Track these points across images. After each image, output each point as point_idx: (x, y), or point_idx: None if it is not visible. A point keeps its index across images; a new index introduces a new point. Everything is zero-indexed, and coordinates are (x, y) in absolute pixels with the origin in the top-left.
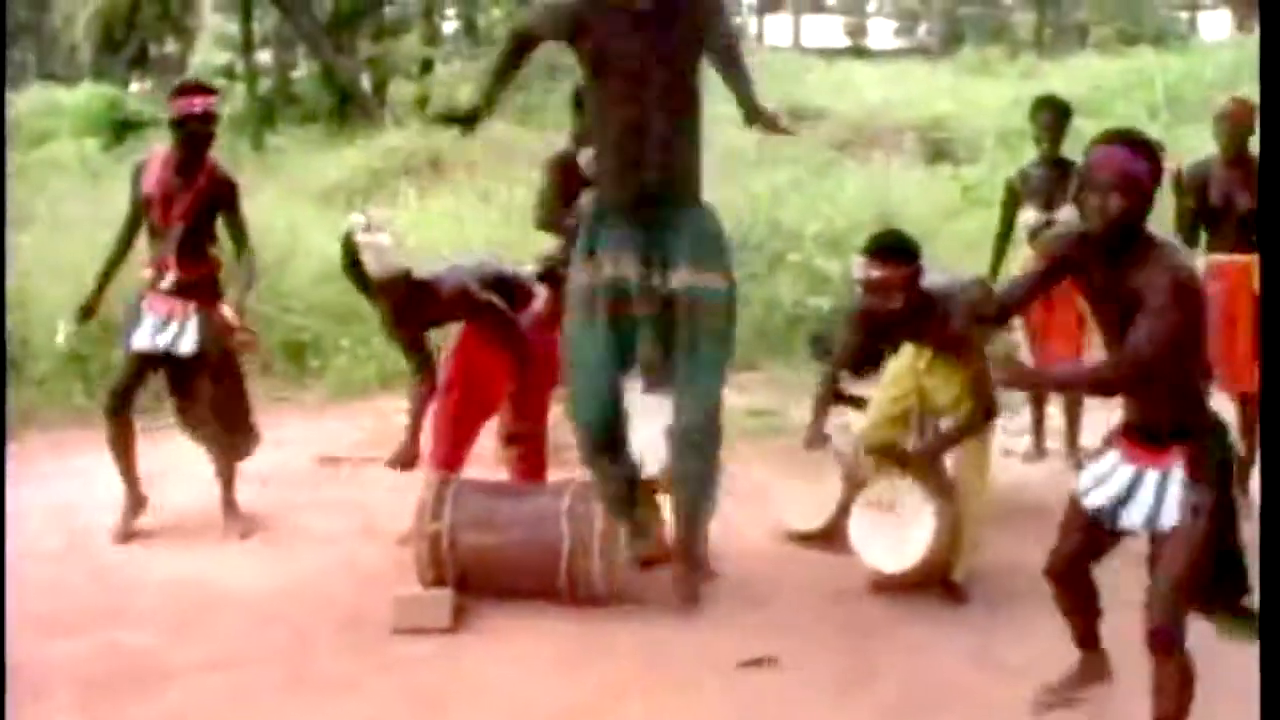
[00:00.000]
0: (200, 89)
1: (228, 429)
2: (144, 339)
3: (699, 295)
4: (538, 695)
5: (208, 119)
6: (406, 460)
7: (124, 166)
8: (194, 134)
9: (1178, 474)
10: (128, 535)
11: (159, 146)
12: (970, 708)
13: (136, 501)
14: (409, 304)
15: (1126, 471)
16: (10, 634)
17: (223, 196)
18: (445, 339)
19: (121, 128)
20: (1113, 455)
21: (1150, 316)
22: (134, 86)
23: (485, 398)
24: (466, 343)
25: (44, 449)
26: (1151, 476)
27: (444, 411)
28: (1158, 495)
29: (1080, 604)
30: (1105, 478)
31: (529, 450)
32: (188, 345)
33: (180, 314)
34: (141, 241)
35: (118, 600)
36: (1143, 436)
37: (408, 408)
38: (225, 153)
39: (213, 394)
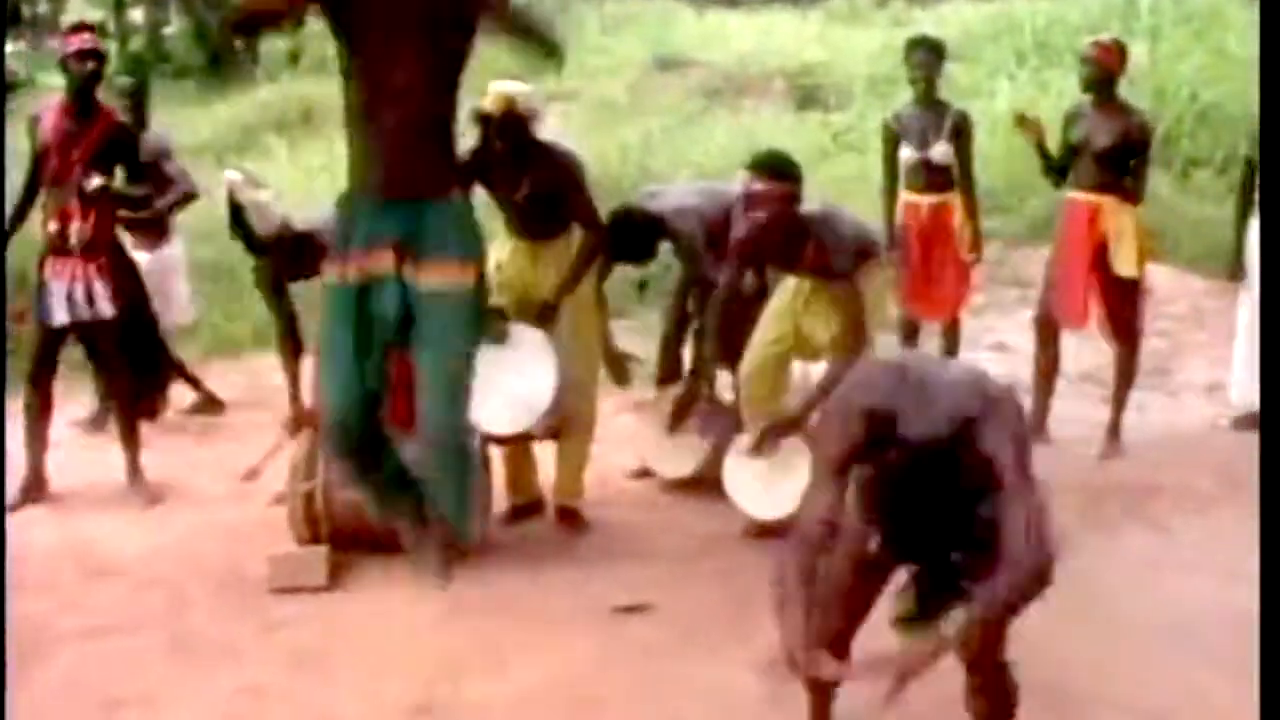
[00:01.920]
0: (81, 28)
1: (142, 390)
2: (60, 310)
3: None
4: (415, 649)
5: (87, 56)
6: (306, 422)
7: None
8: (78, 74)
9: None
10: (16, 506)
11: (52, 98)
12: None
13: (38, 482)
14: (291, 257)
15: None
16: None
17: (121, 143)
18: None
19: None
20: None
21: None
22: (7, 47)
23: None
24: None
25: None
26: None
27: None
28: None
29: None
30: None
31: (400, 401)
32: (106, 310)
33: (85, 276)
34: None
35: None
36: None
37: (282, 367)
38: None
39: (116, 356)
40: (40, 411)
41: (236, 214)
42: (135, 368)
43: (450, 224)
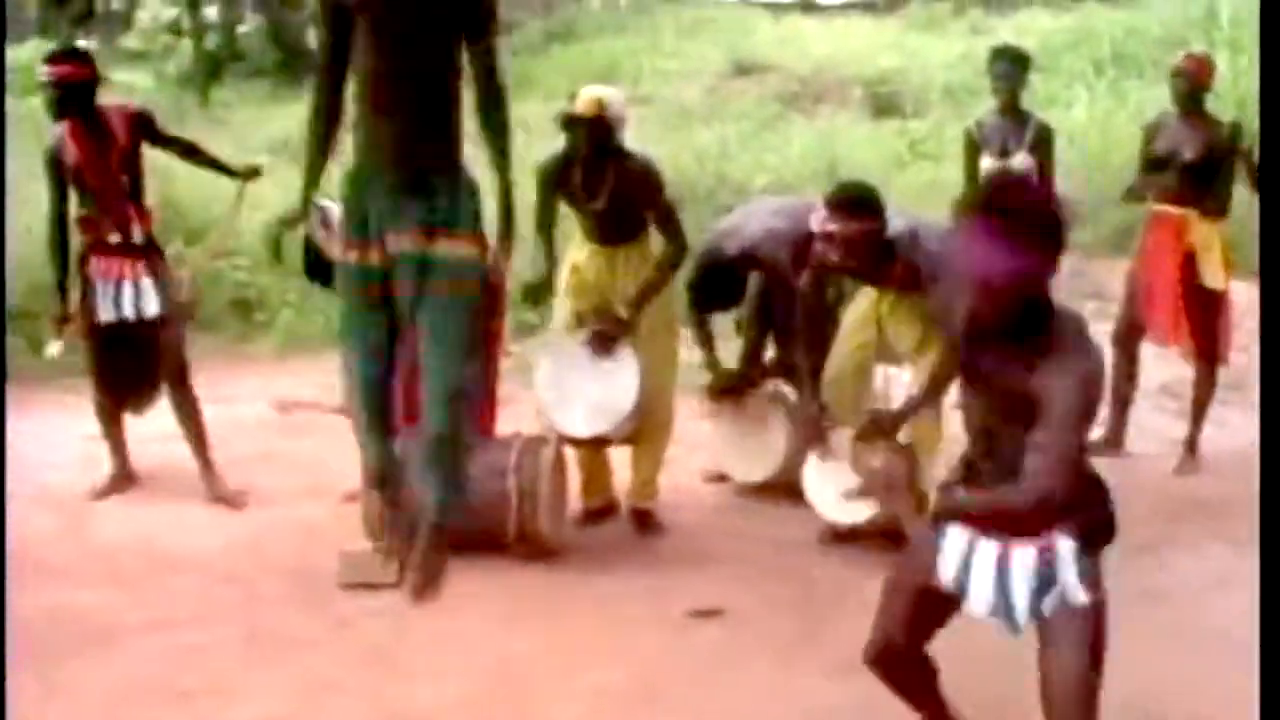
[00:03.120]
0: (52, 57)
1: (183, 386)
2: (107, 309)
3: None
4: (486, 649)
5: (64, 81)
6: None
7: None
8: (59, 98)
9: (1066, 551)
10: (102, 494)
11: (57, 128)
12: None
13: (123, 473)
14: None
15: (989, 550)
16: None
17: (143, 131)
18: None
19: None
20: (959, 532)
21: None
22: (80, 43)
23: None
24: None
25: None
26: (1025, 556)
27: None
28: (1041, 578)
29: (926, 682)
30: (959, 555)
31: (477, 403)
32: (152, 307)
33: (131, 274)
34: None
35: (66, 561)
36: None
37: None
38: (171, 109)
39: (169, 352)
40: (111, 410)
41: (312, 255)
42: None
43: (460, 199)
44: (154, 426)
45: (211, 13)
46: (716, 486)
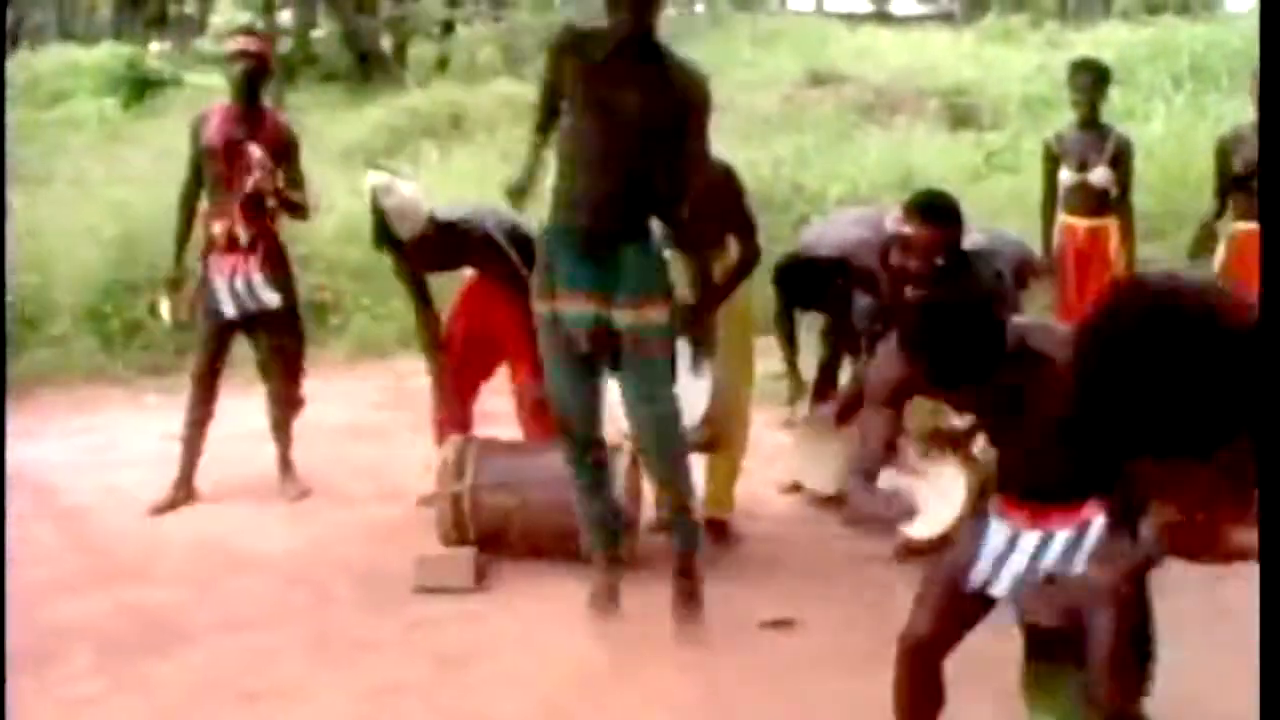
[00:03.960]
0: (240, 31)
1: (290, 383)
2: (228, 305)
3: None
4: (559, 655)
5: (258, 58)
6: (450, 423)
7: (142, 125)
8: (245, 72)
9: (1096, 528)
10: (163, 509)
11: (216, 102)
12: (993, 678)
13: (187, 486)
14: (434, 250)
15: (1031, 538)
16: (31, 593)
17: (286, 147)
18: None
19: (141, 87)
20: (1000, 526)
21: None
22: (153, 46)
23: (488, 354)
24: (470, 298)
25: (64, 407)
26: (1061, 538)
27: (448, 366)
28: (1067, 556)
29: (932, 699)
30: (997, 552)
31: (542, 408)
32: (272, 300)
33: (246, 269)
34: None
35: (138, 560)
36: (1046, 496)
37: (427, 363)
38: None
39: (282, 348)
40: (203, 412)
41: (380, 218)
42: (286, 364)
43: (645, 266)
44: (227, 428)
45: (285, 17)
46: (792, 497)
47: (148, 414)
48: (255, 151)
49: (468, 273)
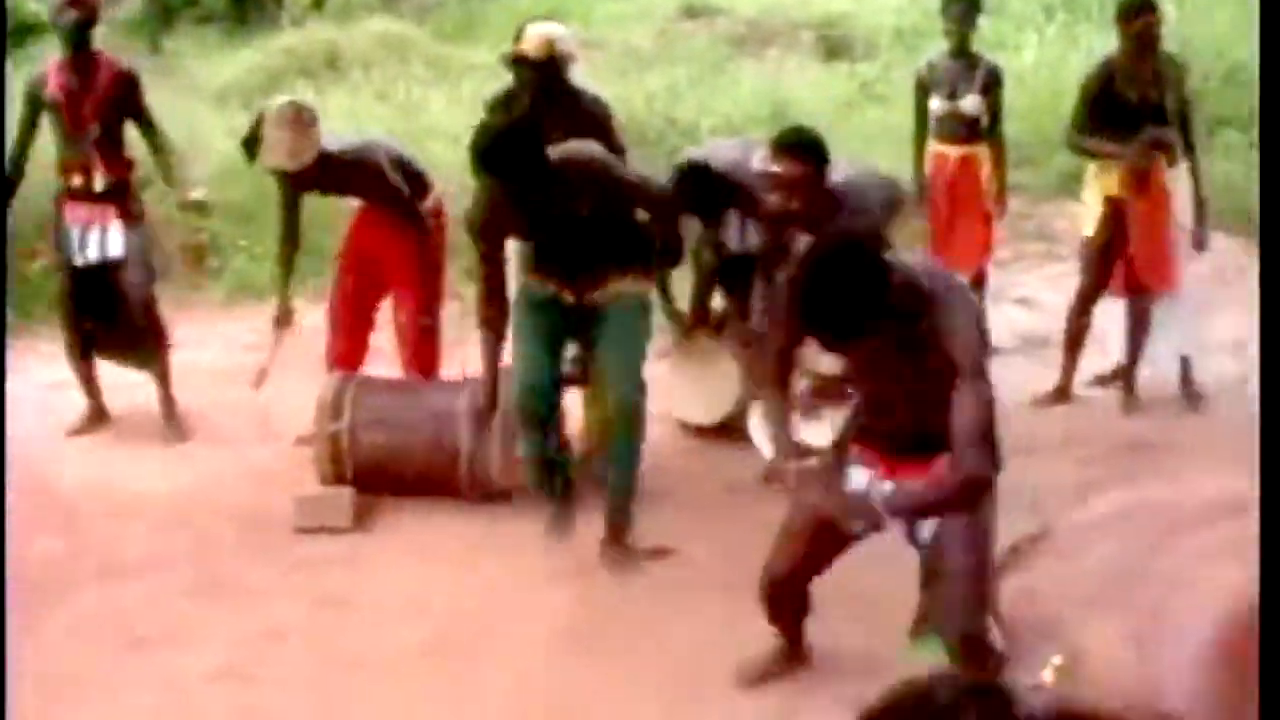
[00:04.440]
0: None
1: (155, 328)
2: (77, 251)
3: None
4: (440, 591)
5: (87, 6)
6: (289, 319)
7: (24, 71)
8: (75, 22)
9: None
10: (78, 431)
11: (51, 57)
12: (864, 600)
13: (98, 411)
14: (321, 178)
15: (885, 487)
16: None
17: (128, 93)
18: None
19: (19, 33)
20: (859, 472)
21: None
22: None
23: (378, 284)
24: (359, 231)
25: None
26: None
27: (341, 305)
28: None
29: (798, 614)
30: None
31: (424, 345)
32: (115, 249)
33: (100, 219)
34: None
35: (20, 507)
36: (902, 448)
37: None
38: (121, 57)
39: (141, 295)
40: (81, 349)
41: (253, 138)
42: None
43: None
44: (107, 373)
45: None
46: (669, 429)
47: (26, 363)
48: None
49: (354, 204)
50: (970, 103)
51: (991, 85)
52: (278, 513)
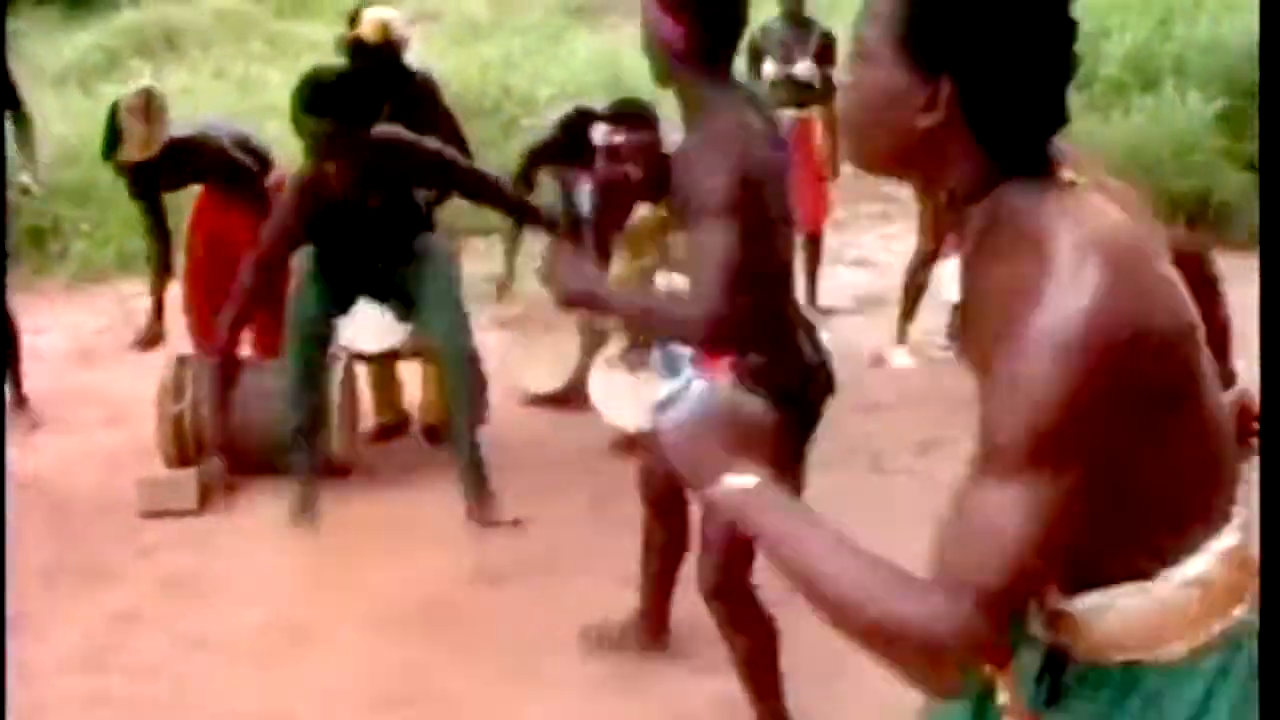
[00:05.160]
0: None
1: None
2: None
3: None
4: (284, 570)
5: None
6: (150, 340)
7: None
8: None
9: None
10: None
11: None
12: None
13: None
14: (168, 167)
15: (679, 382)
16: None
17: None
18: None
19: None
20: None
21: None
22: None
23: (228, 264)
24: (204, 214)
25: None
26: (697, 388)
27: (194, 287)
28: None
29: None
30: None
31: (266, 322)
32: None
33: None
34: None
35: None
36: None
37: (151, 283)
38: None
39: None
40: None
41: (113, 132)
42: None
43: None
44: None
45: None
46: (509, 397)
47: None
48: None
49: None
50: (804, 68)
51: (826, 50)
52: (125, 498)
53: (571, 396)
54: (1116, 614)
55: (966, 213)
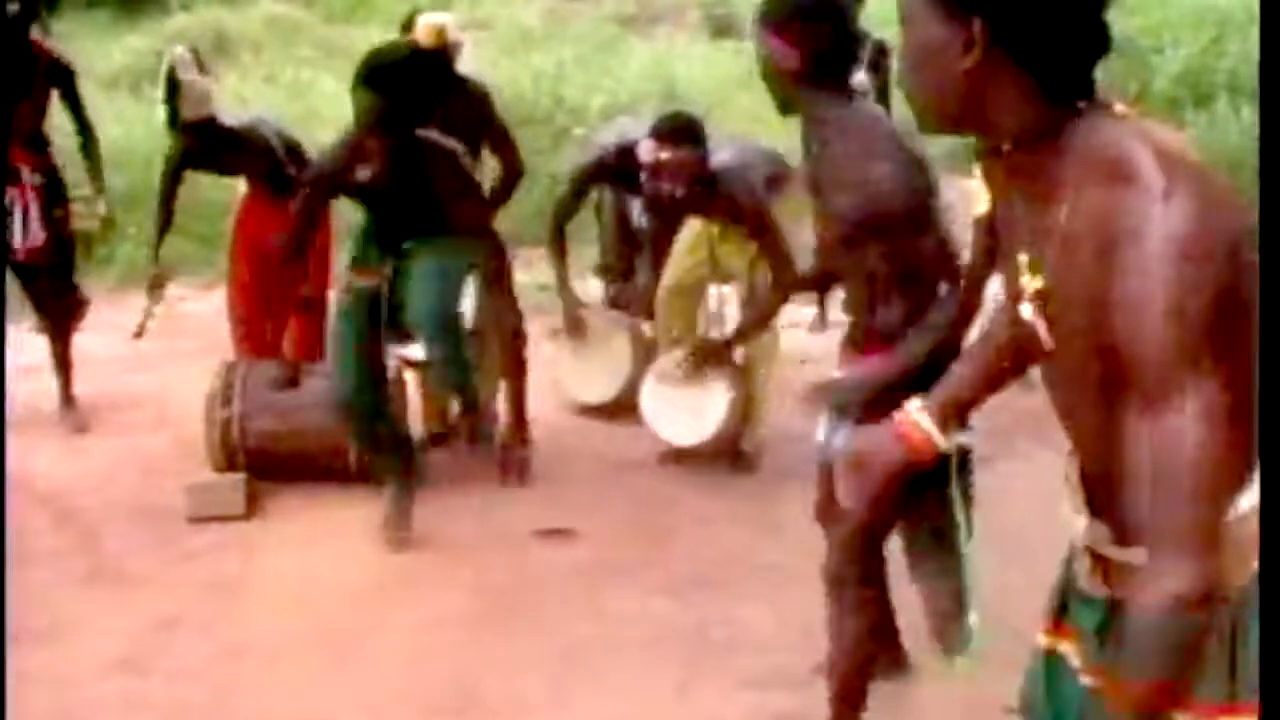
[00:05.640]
0: None
1: (67, 315)
2: (13, 238)
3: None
4: (332, 578)
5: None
6: (163, 283)
7: None
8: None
9: None
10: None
11: None
12: (761, 577)
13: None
14: (210, 147)
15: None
16: None
17: (56, 73)
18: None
19: None
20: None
21: None
22: None
23: (272, 269)
24: (248, 220)
25: None
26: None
27: (239, 293)
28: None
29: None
30: None
31: (310, 325)
32: (37, 235)
33: (21, 201)
34: None
35: None
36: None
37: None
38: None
39: (53, 280)
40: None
41: (173, 91)
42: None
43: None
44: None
45: None
46: (560, 408)
47: None
48: None
49: (241, 191)
50: (858, 79)
51: (879, 60)
52: (172, 502)
53: (622, 407)
54: None
55: (1032, 158)
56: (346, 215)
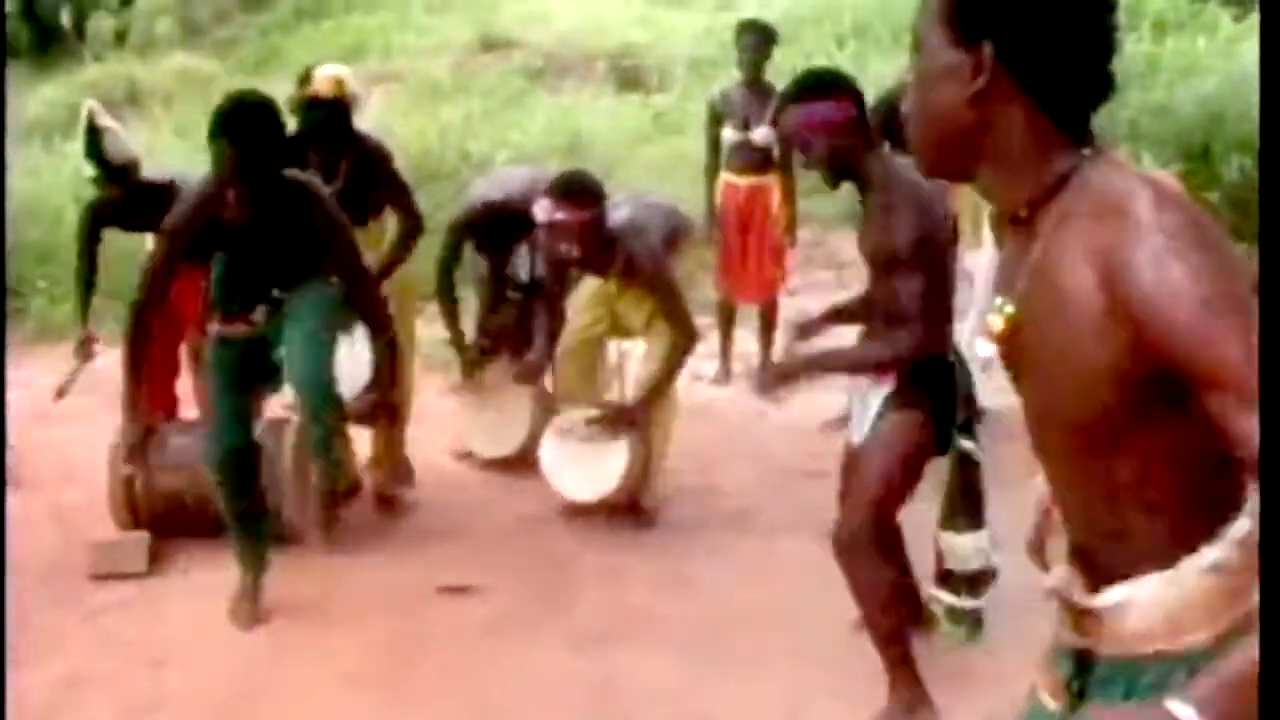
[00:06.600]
0: None
1: None
2: None
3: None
4: (236, 636)
5: None
6: (91, 348)
7: None
8: None
9: (886, 388)
10: None
11: None
12: (663, 631)
13: None
14: (131, 203)
15: (854, 395)
16: None
17: None
18: None
19: None
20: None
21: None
22: None
23: (179, 324)
24: None
25: None
26: (874, 394)
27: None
28: (865, 410)
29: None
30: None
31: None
32: None
33: None
34: None
35: None
36: None
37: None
38: None
39: None
40: None
41: (94, 138)
42: None
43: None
44: None
45: None
46: (460, 463)
47: None
48: None
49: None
50: (762, 134)
51: None
52: (80, 559)
53: (523, 462)
54: (1139, 607)
55: (1044, 209)
56: None
